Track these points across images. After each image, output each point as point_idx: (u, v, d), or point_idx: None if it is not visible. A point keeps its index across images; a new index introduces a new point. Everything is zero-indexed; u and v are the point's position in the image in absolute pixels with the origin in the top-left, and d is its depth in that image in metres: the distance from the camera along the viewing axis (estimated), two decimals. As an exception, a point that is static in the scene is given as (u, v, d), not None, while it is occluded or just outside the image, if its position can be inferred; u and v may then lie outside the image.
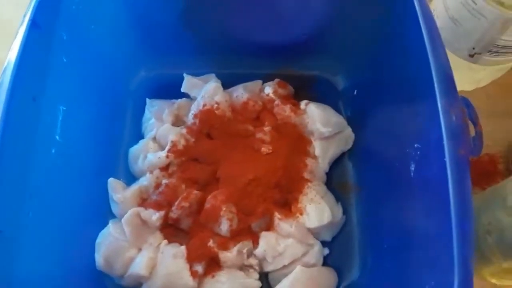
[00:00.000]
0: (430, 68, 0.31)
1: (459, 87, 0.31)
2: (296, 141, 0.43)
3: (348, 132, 0.45)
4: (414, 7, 0.33)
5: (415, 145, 0.33)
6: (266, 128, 0.43)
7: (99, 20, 0.41)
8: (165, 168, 0.43)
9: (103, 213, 0.42)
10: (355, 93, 0.46)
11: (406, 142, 0.34)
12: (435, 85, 0.30)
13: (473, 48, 0.40)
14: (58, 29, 0.36)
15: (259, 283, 0.38)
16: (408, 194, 0.35)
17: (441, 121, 0.29)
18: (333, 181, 0.44)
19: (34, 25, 0.33)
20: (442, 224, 0.28)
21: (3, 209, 0.28)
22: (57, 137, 0.36)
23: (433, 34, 0.32)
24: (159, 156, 0.42)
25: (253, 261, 0.39)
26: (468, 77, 0.45)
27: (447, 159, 0.27)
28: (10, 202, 0.30)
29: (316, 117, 0.43)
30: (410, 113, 0.36)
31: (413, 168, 0.33)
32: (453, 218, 0.27)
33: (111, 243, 0.39)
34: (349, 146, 0.45)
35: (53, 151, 0.35)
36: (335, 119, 0.44)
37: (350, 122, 0.45)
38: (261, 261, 0.39)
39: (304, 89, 0.48)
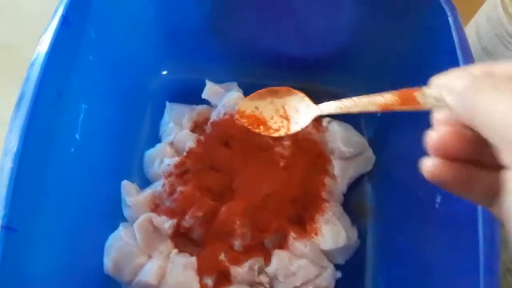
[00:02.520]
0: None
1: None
2: (316, 158, 0.43)
3: (369, 154, 0.44)
4: (452, 36, 0.32)
5: (444, 177, 0.32)
6: (286, 143, 0.43)
7: (127, 19, 0.41)
8: (180, 175, 0.42)
9: (114, 215, 0.41)
10: (378, 114, 0.45)
11: (433, 172, 0.34)
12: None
13: (506, 81, 0.40)
14: (88, 26, 0.35)
15: (268, 302, 0.38)
16: (431, 225, 0.34)
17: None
18: (350, 202, 0.43)
19: (65, 21, 0.32)
20: (467, 261, 0.27)
21: (20, 207, 0.28)
22: (77, 135, 0.35)
23: (468, 63, 0.31)
24: (176, 162, 0.42)
25: (264, 278, 0.38)
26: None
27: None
28: (28, 200, 0.29)
29: (338, 136, 0.42)
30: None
31: (439, 200, 0.32)
32: (481, 257, 0.26)
33: (121, 248, 0.38)
34: (369, 168, 0.44)
35: (72, 150, 0.34)
36: (357, 140, 0.43)
37: (372, 144, 0.44)
38: (272, 279, 0.38)
39: (326, 106, 0.47)
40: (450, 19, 0.33)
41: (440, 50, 0.34)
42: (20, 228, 0.28)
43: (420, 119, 0.38)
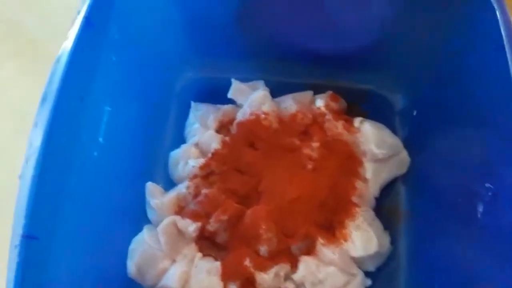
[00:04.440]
0: (509, 99, 0.27)
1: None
2: (346, 160, 0.40)
3: (404, 156, 0.41)
4: (499, 30, 0.29)
5: (486, 185, 0.29)
6: (314, 144, 0.41)
7: (151, 19, 0.40)
8: (205, 177, 0.41)
9: (138, 218, 0.40)
10: (414, 113, 0.43)
11: (474, 178, 0.31)
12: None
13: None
14: (111, 27, 0.35)
15: (295, 309, 0.36)
16: (471, 235, 0.31)
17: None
18: (382, 205, 0.41)
19: (87, 23, 0.31)
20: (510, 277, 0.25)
21: (41, 215, 0.27)
22: (100, 139, 0.35)
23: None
24: (201, 164, 0.41)
25: (290, 285, 0.37)
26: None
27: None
28: (49, 207, 0.29)
29: (371, 137, 0.40)
30: (480, 145, 0.32)
31: (481, 210, 0.30)
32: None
33: (145, 251, 0.38)
34: (404, 171, 0.41)
35: (95, 154, 0.34)
36: (391, 141, 0.41)
37: (407, 144, 0.42)
38: (299, 286, 0.37)
39: (356, 104, 0.45)
40: (498, 12, 0.30)
41: (485, 47, 0.32)
42: (42, 235, 0.28)
43: (460, 120, 0.36)
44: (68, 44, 0.30)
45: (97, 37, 0.33)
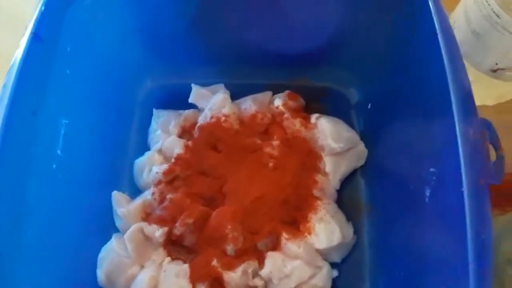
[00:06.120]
0: (448, 86, 0.29)
1: (479, 102, 0.29)
2: (306, 156, 0.42)
3: (361, 148, 0.43)
4: (432, 20, 0.31)
5: (431, 170, 0.31)
6: (275, 142, 0.42)
7: (105, 29, 0.40)
8: (170, 182, 0.41)
9: (107, 227, 0.41)
10: (369, 106, 0.44)
11: (422, 165, 0.32)
12: (453, 106, 0.28)
13: (496, 64, 0.38)
14: (62, 41, 0.35)
15: (263, 305, 0.37)
16: (422, 219, 0.33)
17: (459, 146, 0.27)
18: (344, 199, 0.42)
19: (36, 38, 0.32)
20: (458, 256, 0.26)
21: (1, 230, 0.28)
22: (58, 151, 0.35)
23: (452, 51, 0.30)
24: (164, 169, 0.41)
25: (258, 282, 0.38)
26: (490, 92, 0.43)
27: (465, 189, 0.25)
28: (8, 222, 0.29)
29: (327, 132, 0.41)
30: (426, 133, 0.34)
31: (428, 194, 0.31)
32: (470, 253, 0.25)
33: (113, 259, 0.38)
34: (362, 162, 0.43)
35: (54, 166, 0.34)
36: (347, 134, 0.42)
37: (364, 137, 0.43)
38: (267, 282, 0.38)
39: (315, 101, 0.46)
40: (431, 3, 0.32)
41: (421, 35, 0.33)
42: (4, 250, 0.28)
43: (409, 110, 0.37)
44: (17, 60, 0.31)
45: (47, 52, 0.33)
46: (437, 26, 0.30)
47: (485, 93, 0.42)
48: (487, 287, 0.25)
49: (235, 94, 0.45)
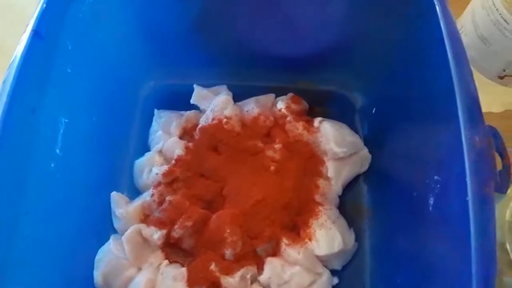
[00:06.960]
0: (454, 92, 0.28)
1: (485, 109, 0.28)
2: (308, 160, 0.41)
3: (365, 153, 0.42)
4: (439, 24, 0.30)
5: (435, 177, 0.30)
6: (277, 146, 0.41)
7: (107, 28, 0.40)
8: (169, 184, 0.41)
9: (105, 228, 0.40)
10: (373, 111, 0.43)
11: (426, 172, 0.32)
12: (459, 112, 0.27)
13: (504, 70, 0.37)
14: (63, 38, 0.35)
15: (262, 312, 0.36)
16: (425, 227, 0.32)
17: (464, 153, 0.26)
18: (346, 204, 0.41)
19: (36, 36, 0.31)
20: (461, 265, 0.26)
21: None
22: (57, 150, 0.34)
23: (458, 56, 0.29)
24: (164, 171, 0.41)
25: (256, 287, 0.37)
26: (497, 99, 0.42)
27: (469, 198, 0.25)
28: (3, 221, 0.28)
29: (330, 136, 0.41)
30: (431, 140, 0.33)
31: (431, 202, 0.30)
32: (473, 263, 0.24)
33: (111, 261, 0.38)
34: (365, 168, 0.42)
35: (52, 165, 0.34)
36: (351, 139, 0.42)
37: (367, 142, 0.43)
38: (265, 288, 0.37)
39: (319, 105, 0.46)
40: (438, 7, 0.31)
41: (428, 39, 0.32)
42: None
43: (414, 115, 0.37)
44: (17, 57, 0.30)
45: (48, 50, 0.33)
46: (444, 31, 0.30)
47: (491, 100, 0.42)
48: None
49: (238, 96, 0.45)
